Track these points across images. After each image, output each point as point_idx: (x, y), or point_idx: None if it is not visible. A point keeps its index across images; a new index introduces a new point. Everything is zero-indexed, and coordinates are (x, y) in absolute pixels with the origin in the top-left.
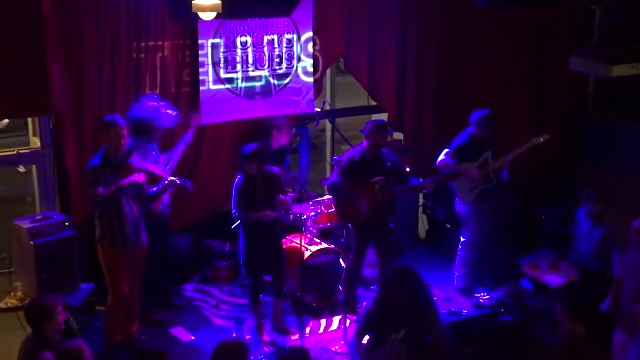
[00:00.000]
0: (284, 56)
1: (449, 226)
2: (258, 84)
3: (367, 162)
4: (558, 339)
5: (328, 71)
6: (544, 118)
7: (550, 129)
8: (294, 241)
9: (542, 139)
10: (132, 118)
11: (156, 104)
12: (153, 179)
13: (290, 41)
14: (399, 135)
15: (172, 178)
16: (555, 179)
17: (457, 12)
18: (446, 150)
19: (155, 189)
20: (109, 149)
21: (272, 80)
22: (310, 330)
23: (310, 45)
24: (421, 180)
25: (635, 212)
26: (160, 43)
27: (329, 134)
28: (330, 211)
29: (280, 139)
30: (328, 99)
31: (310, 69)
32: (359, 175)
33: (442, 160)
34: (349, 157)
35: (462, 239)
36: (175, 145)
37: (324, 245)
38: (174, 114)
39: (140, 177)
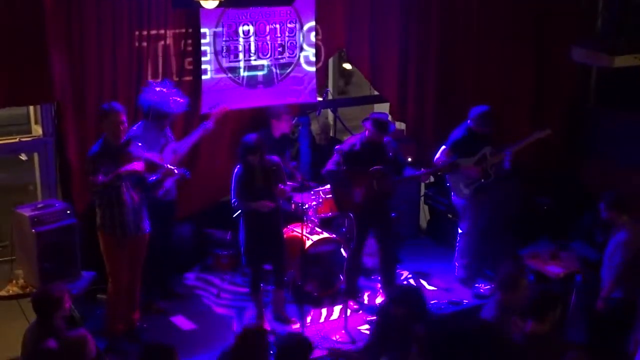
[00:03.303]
0: (286, 45)
1: (450, 216)
2: (260, 73)
3: (369, 151)
4: (520, 336)
5: (330, 60)
6: (546, 109)
7: (552, 120)
8: (295, 230)
9: (544, 134)
10: (140, 102)
11: (165, 90)
12: (152, 167)
13: (292, 30)
14: (400, 125)
15: (170, 167)
16: (557, 170)
17: (459, 3)
18: (443, 147)
19: (154, 178)
20: (108, 137)
21: (274, 69)
22: (311, 320)
23: (313, 34)
24: (413, 171)
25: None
26: (162, 31)
27: (330, 123)
28: (328, 196)
29: (281, 127)
30: (330, 88)
31: (313, 58)
32: (359, 163)
33: (438, 158)
34: (350, 144)
35: (460, 230)
36: (191, 133)
37: (325, 235)
38: (182, 101)
39: (139, 166)
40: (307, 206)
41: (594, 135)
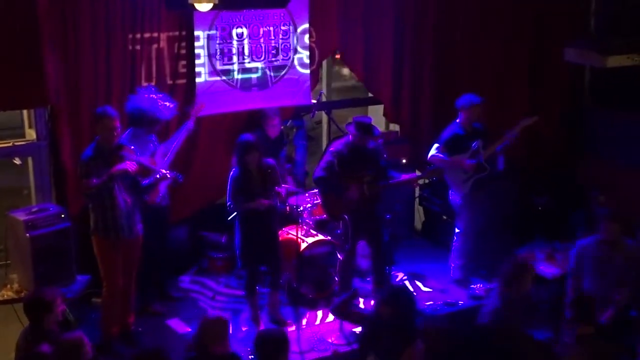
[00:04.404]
0: (280, 47)
1: (445, 217)
2: (254, 76)
3: (356, 155)
4: (568, 342)
5: (324, 62)
6: (544, 109)
7: (550, 119)
8: (290, 233)
9: (531, 121)
10: (129, 109)
11: (154, 96)
12: (145, 172)
13: (286, 32)
14: (395, 127)
15: (164, 171)
16: (554, 169)
17: (454, 3)
18: (436, 145)
19: (147, 182)
20: (101, 141)
21: (268, 72)
22: (306, 322)
23: (306, 36)
24: (400, 175)
25: (635, 203)
26: (156, 34)
27: (325, 125)
28: (316, 201)
29: (269, 129)
30: (324, 90)
31: (307, 61)
32: (347, 167)
33: (433, 155)
34: (337, 149)
35: (457, 230)
36: (175, 134)
37: (320, 237)
38: (172, 106)
39: (131, 165)
40: (302, 208)
41: (590, 135)
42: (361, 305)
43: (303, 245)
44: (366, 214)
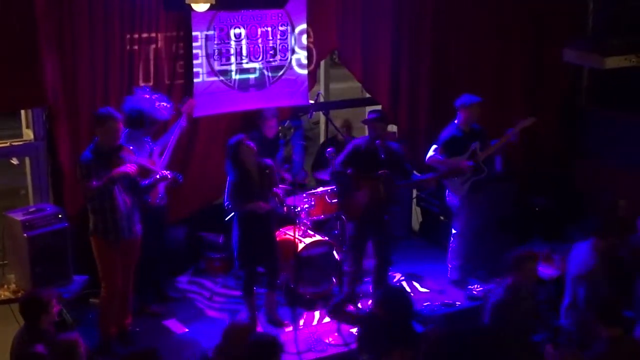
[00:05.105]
0: (278, 48)
1: (442, 218)
2: (252, 76)
3: (372, 154)
4: (598, 346)
5: (322, 63)
6: (544, 110)
7: (548, 120)
8: (288, 233)
9: (529, 122)
10: (126, 111)
11: (150, 97)
12: (144, 172)
13: (284, 33)
14: (392, 127)
15: (164, 172)
16: (551, 170)
17: (453, 3)
18: (434, 146)
19: (146, 182)
20: (101, 142)
21: (266, 72)
22: (303, 322)
23: (304, 37)
24: (420, 175)
25: (634, 204)
26: (154, 35)
27: (322, 126)
28: (333, 201)
29: (265, 130)
30: (322, 90)
31: (304, 61)
32: (362, 165)
33: (431, 157)
34: (354, 146)
35: (453, 231)
36: (169, 132)
37: (318, 237)
38: (168, 106)
39: (131, 168)
40: (299, 209)
41: (589, 136)
42: (359, 306)
43: (300, 246)
44: (377, 216)
